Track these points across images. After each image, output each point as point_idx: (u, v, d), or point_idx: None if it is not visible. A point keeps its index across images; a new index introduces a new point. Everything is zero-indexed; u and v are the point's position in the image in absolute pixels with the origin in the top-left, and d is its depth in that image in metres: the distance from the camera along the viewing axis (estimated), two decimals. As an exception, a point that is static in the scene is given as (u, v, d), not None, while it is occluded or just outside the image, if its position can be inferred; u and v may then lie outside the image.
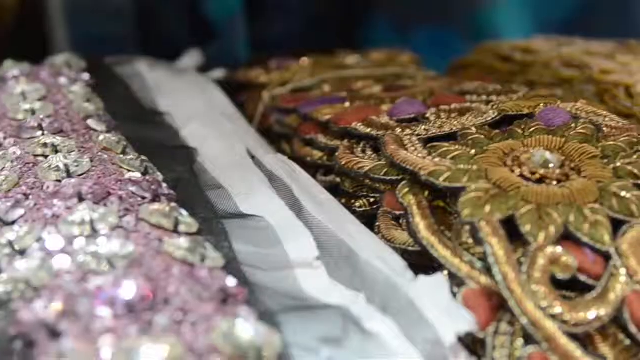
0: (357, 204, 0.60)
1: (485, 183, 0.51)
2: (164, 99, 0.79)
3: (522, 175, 0.53)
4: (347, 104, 0.71)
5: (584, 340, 0.47)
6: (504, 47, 0.89)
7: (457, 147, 0.57)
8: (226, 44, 1.15)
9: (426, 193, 0.54)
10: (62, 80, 0.76)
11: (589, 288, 0.48)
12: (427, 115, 0.64)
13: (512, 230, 0.49)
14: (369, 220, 0.58)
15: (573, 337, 0.46)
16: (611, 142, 0.56)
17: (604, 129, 0.58)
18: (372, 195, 0.59)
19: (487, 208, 0.49)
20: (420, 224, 0.51)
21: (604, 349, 0.47)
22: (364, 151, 0.62)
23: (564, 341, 0.45)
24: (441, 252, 0.50)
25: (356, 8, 1.22)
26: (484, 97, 0.67)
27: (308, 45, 0.99)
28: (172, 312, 0.44)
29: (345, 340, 0.45)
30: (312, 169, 0.68)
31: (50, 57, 0.82)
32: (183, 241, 0.50)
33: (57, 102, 0.70)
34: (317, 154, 0.67)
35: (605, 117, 0.60)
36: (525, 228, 0.49)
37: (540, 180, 0.52)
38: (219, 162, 0.66)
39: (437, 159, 0.55)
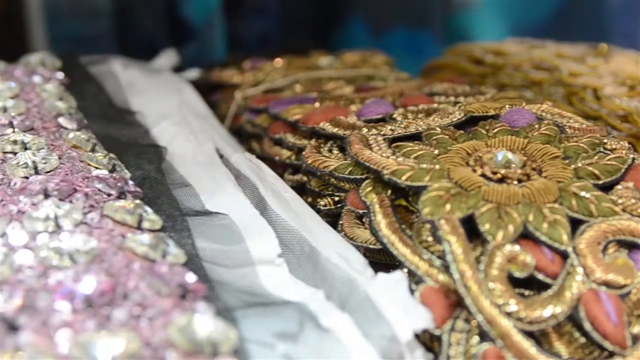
0: (322, 203, 0.60)
1: (446, 182, 0.52)
2: (136, 98, 0.80)
3: (483, 175, 0.53)
4: (317, 104, 0.71)
5: (540, 337, 0.48)
6: (476, 50, 0.89)
7: (421, 147, 0.57)
8: (204, 45, 1.15)
9: (389, 192, 0.54)
10: (36, 78, 0.76)
11: (547, 286, 0.49)
12: (395, 116, 0.64)
13: (473, 229, 0.50)
14: (334, 218, 0.59)
15: (528, 334, 0.46)
16: (573, 143, 0.56)
17: (567, 130, 0.59)
18: (337, 194, 0.60)
19: (448, 207, 0.50)
20: (381, 222, 0.52)
21: (560, 346, 0.48)
22: (330, 150, 0.62)
23: (519, 338, 0.46)
24: (400, 250, 0.50)
25: (332, 10, 1.22)
26: (452, 99, 0.68)
27: (285, 47, 0.99)
28: (130, 307, 0.44)
29: (301, 336, 0.45)
30: (281, 168, 0.68)
31: (26, 56, 0.82)
32: (145, 237, 0.50)
33: (30, 101, 0.70)
34: (286, 153, 0.68)
35: (569, 118, 0.61)
36: (485, 227, 0.49)
37: (502, 180, 0.53)
38: (188, 161, 0.66)
39: (400, 159, 0.55)
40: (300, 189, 0.64)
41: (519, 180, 0.53)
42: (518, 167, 0.53)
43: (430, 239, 0.50)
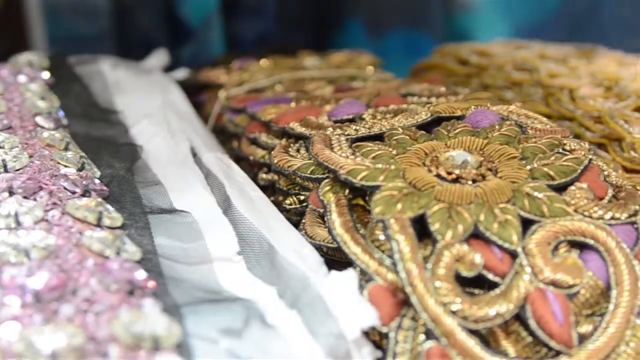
0: (288, 202, 0.61)
1: (400, 182, 0.52)
2: (121, 97, 0.81)
3: (439, 175, 0.53)
4: (293, 104, 0.71)
5: (488, 336, 0.48)
6: (463, 50, 0.90)
7: (380, 147, 0.58)
8: (202, 45, 1.16)
9: (346, 191, 0.55)
10: (21, 78, 0.77)
11: (498, 286, 0.49)
12: (364, 116, 0.65)
13: (426, 229, 0.50)
14: (301, 217, 0.60)
15: (475, 333, 0.47)
16: (531, 144, 0.57)
17: (529, 131, 0.59)
18: (303, 193, 0.60)
19: (399, 206, 0.50)
20: (336, 221, 0.52)
21: (507, 345, 0.48)
22: (298, 150, 0.63)
23: (463, 337, 0.46)
24: (352, 248, 0.51)
25: (331, 11, 1.23)
26: (425, 99, 0.68)
27: (282, 47, 1.00)
28: (78, 302, 0.45)
29: (245, 332, 0.46)
30: (257, 167, 0.69)
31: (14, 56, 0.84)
32: (102, 235, 0.51)
33: (12, 100, 0.72)
34: (260, 152, 0.68)
35: (534, 119, 0.61)
36: (435, 226, 0.49)
37: (456, 180, 0.53)
38: (162, 160, 0.67)
39: (358, 159, 0.55)
40: (272, 188, 0.64)
41: (474, 181, 0.53)
42: (473, 167, 0.53)
43: (382, 238, 0.50)
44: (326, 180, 0.56)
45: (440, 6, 1.22)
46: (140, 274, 0.48)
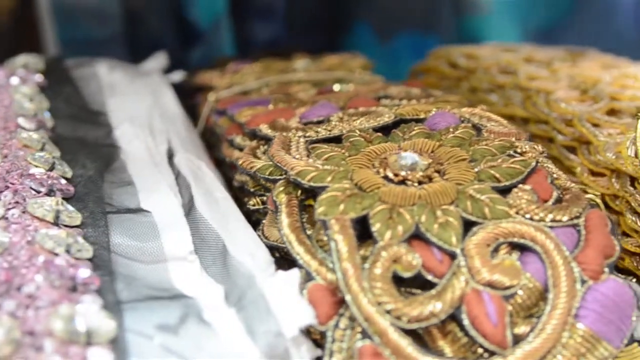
0: (251, 203, 0.62)
1: (347, 183, 0.53)
2: (113, 99, 0.83)
3: (386, 177, 0.54)
4: (271, 106, 0.73)
5: (425, 336, 0.49)
6: (454, 53, 0.90)
7: (334, 148, 0.58)
8: (212, 47, 1.18)
9: (299, 192, 0.56)
10: (14, 80, 0.80)
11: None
12: (331, 118, 0.65)
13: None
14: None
15: (410, 332, 0.47)
16: (482, 146, 0.57)
17: (484, 133, 0.60)
18: (266, 194, 0.61)
19: (341, 207, 0.51)
20: (284, 221, 0.53)
21: (444, 345, 0.49)
22: (265, 152, 0.64)
23: (395, 337, 0.47)
24: (296, 248, 0.52)
25: (340, 15, 1.23)
26: (397, 101, 0.69)
27: (289, 50, 1.01)
28: (22, 297, 0.47)
29: (181, 328, 0.47)
30: (234, 168, 0.70)
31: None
32: (55, 233, 0.52)
33: (1, 101, 0.74)
34: (236, 154, 0.70)
35: (495, 122, 0.62)
36: (375, 227, 0.50)
37: (403, 182, 0.54)
38: (140, 161, 0.69)
39: (311, 160, 0.56)
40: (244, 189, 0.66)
41: (420, 182, 0.54)
42: (421, 169, 0.54)
43: (325, 238, 0.51)
44: (281, 181, 0.57)
45: (449, 9, 1.22)
46: (84, 272, 0.49)
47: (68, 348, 0.44)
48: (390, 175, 0.54)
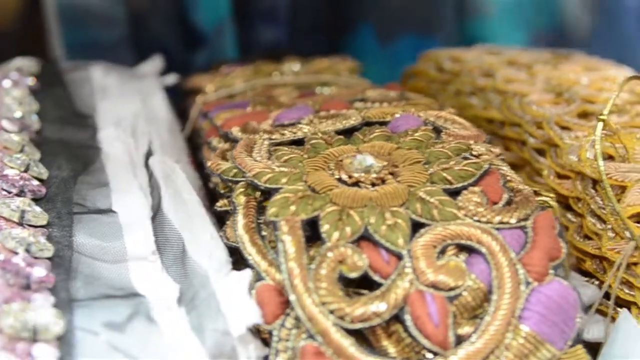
0: (219, 204, 0.63)
1: (300, 185, 0.54)
2: (104, 102, 0.84)
3: (340, 179, 0.55)
4: (249, 109, 0.74)
5: (370, 335, 0.49)
6: (442, 56, 0.90)
7: (293, 151, 0.59)
8: (215, 51, 1.19)
9: (258, 194, 0.57)
10: (6, 83, 0.82)
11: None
12: (302, 121, 0.66)
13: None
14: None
15: (354, 332, 0.48)
16: (437, 149, 0.58)
17: (443, 136, 0.60)
18: (233, 195, 0.62)
19: (292, 208, 0.52)
20: (240, 222, 0.55)
21: (388, 345, 0.49)
22: (232, 154, 0.65)
23: (337, 336, 0.48)
24: (248, 249, 0.53)
25: (342, 17, 1.24)
26: (369, 104, 0.70)
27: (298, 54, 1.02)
28: (-24, 295, 0.48)
29: (127, 326, 0.49)
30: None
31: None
32: (18, 232, 0.54)
33: (-9, 104, 0.76)
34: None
35: (459, 125, 0.62)
36: (323, 228, 0.51)
37: (357, 184, 0.55)
38: (119, 162, 0.70)
39: (270, 162, 0.58)
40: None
41: (374, 184, 0.54)
42: (375, 171, 0.55)
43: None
44: (242, 183, 0.58)
45: (451, 11, 1.22)
46: (39, 271, 0.51)
47: (15, 344, 0.45)
48: (344, 177, 0.55)
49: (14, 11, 1.18)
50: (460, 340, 0.49)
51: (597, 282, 0.61)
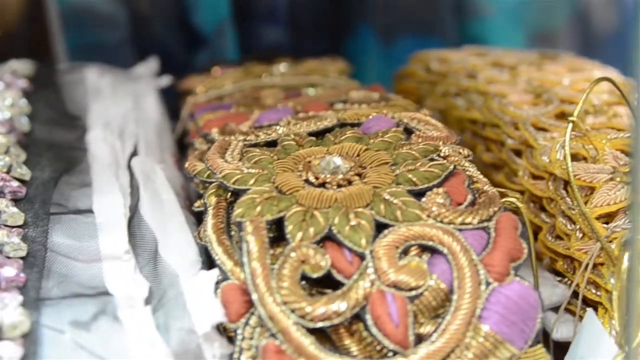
0: (196, 204, 0.64)
1: (267, 186, 0.55)
2: (96, 104, 0.86)
3: (307, 180, 0.56)
4: (233, 110, 0.75)
5: (332, 334, 0.50)
6: (430, 57, 0.91)
7: (264, 152, 0.60)
8: (216, 52, 1.20)
9: (229, 195, 0.58)
10: (-2, 85, 0.83)
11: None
12: (280, 123, 0.67)
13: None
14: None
15: (316, 331, 0.49)
16: (405, 150, 0.58)
17: (413, 137, 0.61)
18: (211, 196, 0.63)
19: (258, 209, 0.53)
20: (209, 222, 0.56)
21: (350, 343, 0.50)
22: (209, 156, 0.66)
23: (298, 335, 0.49)
24: (215, 248, 0.54)
25: (342, 18, 1.25)
26: (348, 106, 0.70)
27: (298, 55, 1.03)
28: (-53, 294, 0.50)
29: (92, 325, 0.50)
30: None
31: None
32: (-8, 232, 0.56)
33: (-17, 106, 0.78)
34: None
35: (432, 126, 0.63)
36: (288, 228, 0.52)
37: (323, 185, 0.55)
38: (103, 163, 0.71)
39: (240, 164, 0.59)
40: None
41: (340, 185, 0.55)
42: (342, 172, 0.56)
43: (245, 239, 0.53)
44: (214, 184, 0.59)
45: (452, 12, 1.23)
46: (9, 271, 0.52)
47: (-20, 341, 0.47)
48: (312, 178, 0.56)
49: (18, 14, 1.19)
50: (421, 339, 0.49)
51: (569, 282, 0.61)
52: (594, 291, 0.57)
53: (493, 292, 0.50)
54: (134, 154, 0.74)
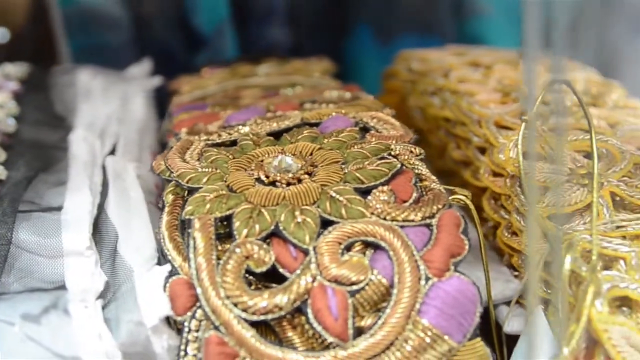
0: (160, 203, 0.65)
1: (219, 185, 0.57)
2: (85, 105, 0.88)
3: (258, 179, 0.57)
4: (209, 110, 0.77)
5: (276, 327, 0.52)
6: (412, 57, 0.92)
7: (220, 152, 0.62)
8: (216, 52, 1.22)
9: (186, 193, 0.59)
10: (-12, 88, 0.86)
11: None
12: (246, 122, 0.69)
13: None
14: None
15: (262, 323, 0.51)
16: (356, 149, 0.60)
17: (367, 136, 0.62)
18: (177, 194, 0.65)
19: (207, 206, 0.55)
20: (164, 220, 0.57)
21: (293, 336, 0.52)
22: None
23: (239, 328, 0.50)
24: (167, 244, 0.55)
25: (341, 17, 1.26)
26: (317, 106, 0.72)
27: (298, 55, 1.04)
28: None
29: (43, 318, 0.52)
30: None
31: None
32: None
33: (-28, 108, 0.80)
34: (162, 157, 0.73)
35: (391, 125, 0.64)
36: (235, 225, 0.54)
37: (273, 183, 0.57)
38: (81, 162, 0.73)
39: (197, 163, 0.60)
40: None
41: (289, 184, 0.57)
42: (292, 171, 0.57)
43: (195, 236, 0.55)
44: (172, 182, 0.60)
45: (451, 11, 1.23)
46: (-33, 265, 0.54)
47: None
48: (262, 177, 0.57)
49: (24, 17, 1.22)
50: (362, 332, 0.51)
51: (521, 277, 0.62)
52: (544, 289, 0.58)
53: (432, 287, 0.51)
54: (112, 153, 0.75)
